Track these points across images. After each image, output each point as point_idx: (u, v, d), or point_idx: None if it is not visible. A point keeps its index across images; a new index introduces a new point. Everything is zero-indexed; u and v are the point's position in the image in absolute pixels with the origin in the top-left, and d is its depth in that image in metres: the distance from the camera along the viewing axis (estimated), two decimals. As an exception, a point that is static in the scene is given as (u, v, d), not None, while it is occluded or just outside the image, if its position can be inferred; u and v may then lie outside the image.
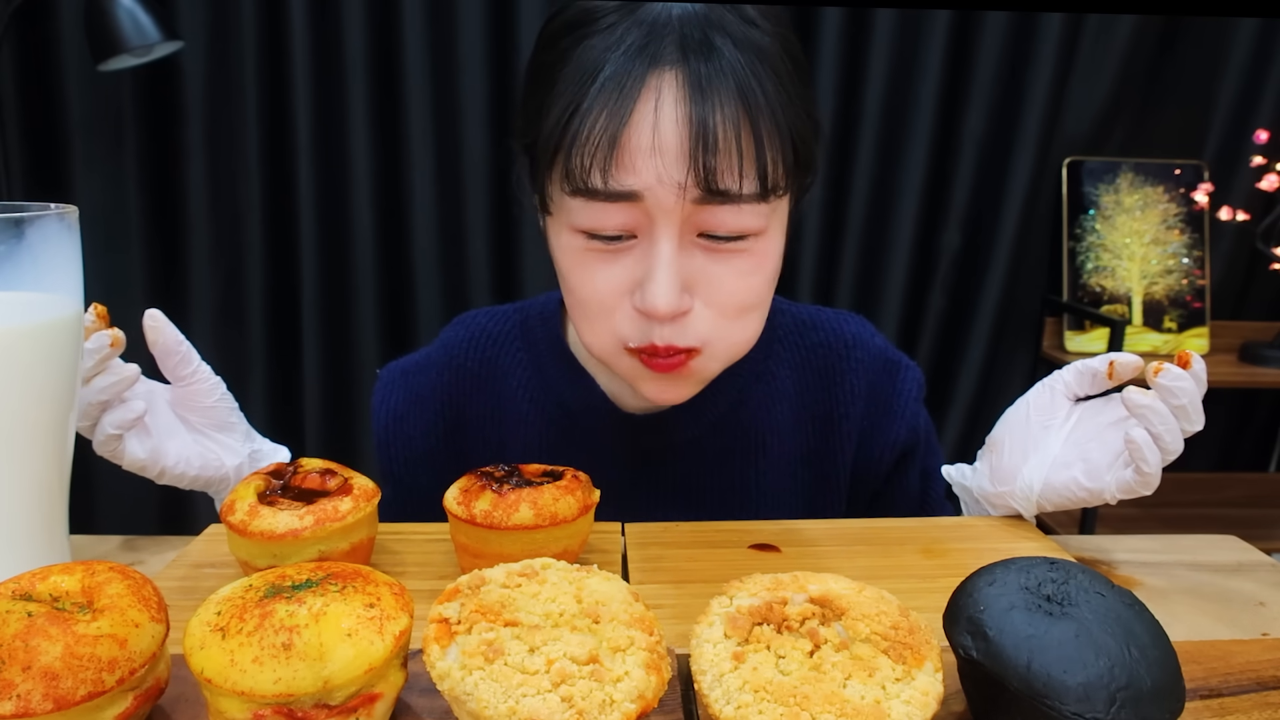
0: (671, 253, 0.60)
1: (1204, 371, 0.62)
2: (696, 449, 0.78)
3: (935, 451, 0.86)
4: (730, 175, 0.58)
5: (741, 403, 0.78)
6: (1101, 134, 2.01)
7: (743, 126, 0.58)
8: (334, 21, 1.73)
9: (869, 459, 0.82)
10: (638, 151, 0.58)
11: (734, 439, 0.78)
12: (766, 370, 0.79)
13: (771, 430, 0.79)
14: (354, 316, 1.88)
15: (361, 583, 0.42)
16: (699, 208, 0.59)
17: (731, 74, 0.58)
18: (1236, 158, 2.01)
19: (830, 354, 0.80)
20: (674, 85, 0.57)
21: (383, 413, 0.81)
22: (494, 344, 0.81)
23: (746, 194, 0.59)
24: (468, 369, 0.80)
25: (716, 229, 0.60)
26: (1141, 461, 0.62)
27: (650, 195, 0.58)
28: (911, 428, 0.82)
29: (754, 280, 0.63)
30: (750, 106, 0.58)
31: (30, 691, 0.37)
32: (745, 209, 0.59)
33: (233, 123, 1.77)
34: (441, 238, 1.85)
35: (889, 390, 0.81)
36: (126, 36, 1.44)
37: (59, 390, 0.54)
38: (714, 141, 0.57)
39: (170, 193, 1.80)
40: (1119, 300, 2.04)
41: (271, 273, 1.85)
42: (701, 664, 0.40)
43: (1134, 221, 2.05)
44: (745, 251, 0.62)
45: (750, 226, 0.60)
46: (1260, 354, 1.97)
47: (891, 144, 1.90)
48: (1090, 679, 0.38)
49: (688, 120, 0.57)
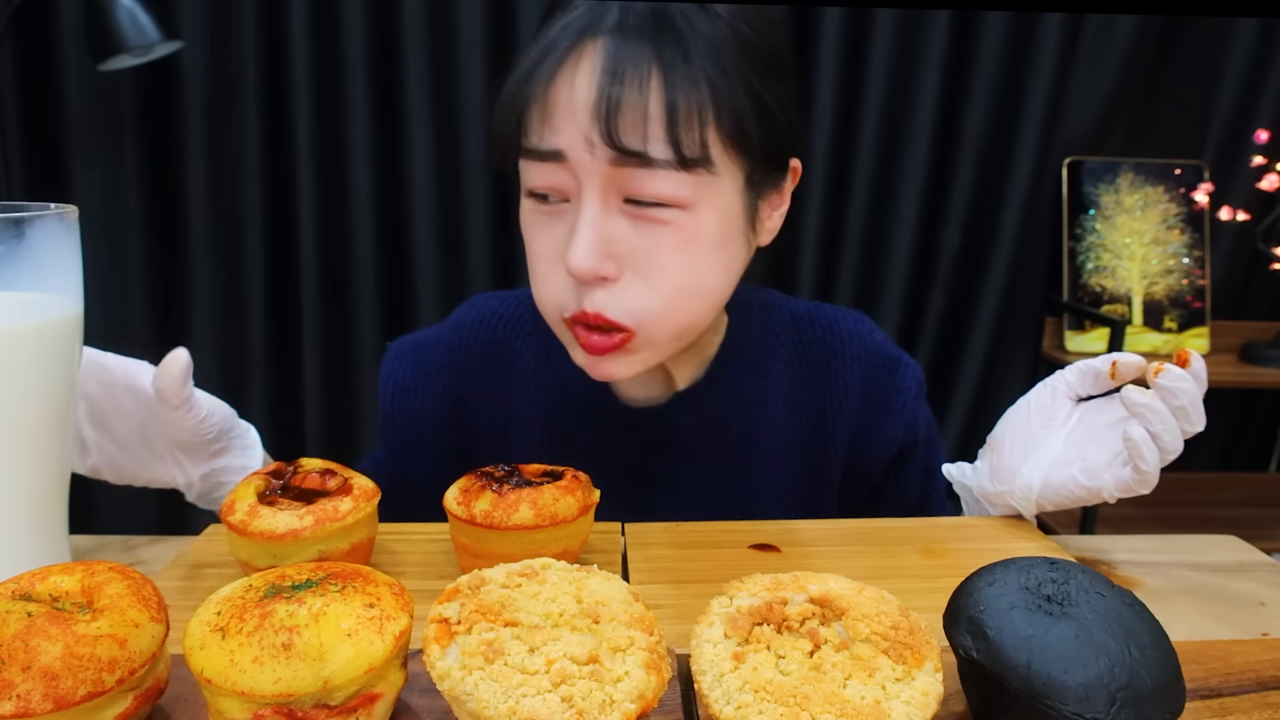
0: (593, 213, 0.62)
1: (1204, 370, 0.62)
2: (692, 441, 0.78)
3: (938, 450, 0.85)
4: (634, 134, 0.59)
5: (738, 397, 0.79)
6: (1101, 134, 2.01)
7: (654, 89, 0.59)
8: (334, 21, 1.73)
9: (865, 456, 0.82)
10: (558, 111, 0.61)
11: (729, 432, 0.79)
12: (763, 365, 0.80)
13: (767, 424, 0.79)
14: (354, 316, 1.88)
15: (361, 583, 0.42)
16: (619, 170, 0.61)
17: (656, 41, 0.59)
18: (1236, 158, 2.01)
19: (826, 350, 0.81)
20: (597, 50, 0.60)
21: (390, 385, 0.82)
22: (504, 327, 0.82)
23: (659, 158, 0.60)
24: (476, 350, 0.81)
25: (636, 193, 0.61)
26: (1140, 460, 0.62)
27: (572, 154, 0.61)
28: (910, 426, 0.82)
29: (688, 259, 0.63)
30: (667, 72, 0.59)
31: (30, 691, 0.37)
32: (662, 174, 0.60)
33: (233, 123, 1.77)
34: (441, 237, 1.85)
35: (887, 387, 0.81)
36: (126, 36, 1.44)
37: (59, 390, 0.54)
38: (619, 99, 0.59)
39: (170, 193, 1.80)
40: (1119, 300, 2.04)
41: (271, 273, 1.85)
42: (701, 664, 0.40)
43: (1134, 221, 2.05)
44: (671, 224, 0.62)
45: (670, 194, 0.61)
46: (1260, 354, 1.97)
47: (891, 144, 1.90)
48: (1090, 679, 0.38)
49: (601, 79, 0.59)
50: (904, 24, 1.83)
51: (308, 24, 1.72)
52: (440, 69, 1.77)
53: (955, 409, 2.05)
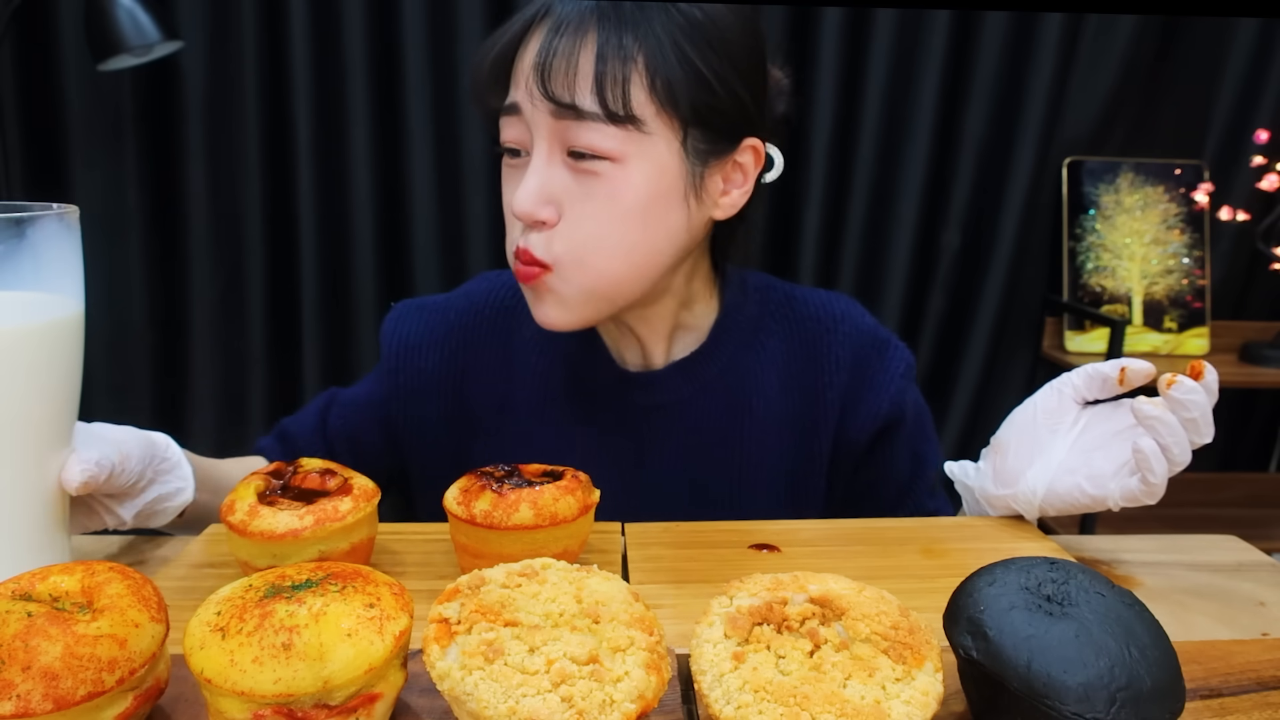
0: (540, 163, 0.68)
1: (1216, 382, 0.61)
2: (687, 407, 0.81)
3: (929, 438, 0.87)
4: (564, 86, 0.66)
5: (731, 368, 0.82)
6: (1101, 134, 2.01)
7: (587, 46, 0.66)
8: (334, 21, 1.73)
9: (851, 427, 0.83)
10: (517, 70, 0.69)
11: (722, 400, 0.82)
12: (757, 340, 0.83)
13: (758, 394, 0.82)
14: (354, 316, 1.88)
15: (361, 583, 0.42)
16: (560, 123, 0.67)
17: (601, 8, 0.66)
18: (1236, 158, 2.01)
19: (818, 326, 0.84)
20: (551, 15, 0.68)
21: (394, 339, 0.85)
22: (513, 295, 0.86)
23: (588, 110, 0.66)
24: (484, 316, 0.86)
25: (574, 144, 0.67)
26: (1148, 472, 0.62)
27: (524, 108, 0.68)
28: (896, 403, 0.83)
29: (611, 210, 0.68)
30: (603, 33, 0.65)
31: (30, 691, 0.37)
32: (593, 127, 0.66)
33: (233, 123, 1.77)
34: (441, 237, 1.85)
35: (875, 364, 0.83)
36: (126, 36, 1.44)
37: (60, 389, 0.53)
38: (555, 54, 0.66)
39: (170, 193, 1.80)
40: (1119, 300, 2.04)
41: (271, 273, 1.85)
42: (701, 664, 0.40)
43: (1134, 221, 2.05)
44: (602, 175, 0.68)
45: (601, 146, 0.67)
46: (1260, 354, 1.97)
47: (891, 144, 1.90)
48: (1090, 679, 0.38)
49: (545, 37, 0.67)
50: (904, 24, 1.83)
51: (308, 24, 1.72)
52: (440, 69, 1.77)
53: (955, 409, 2.05)
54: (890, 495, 0.86)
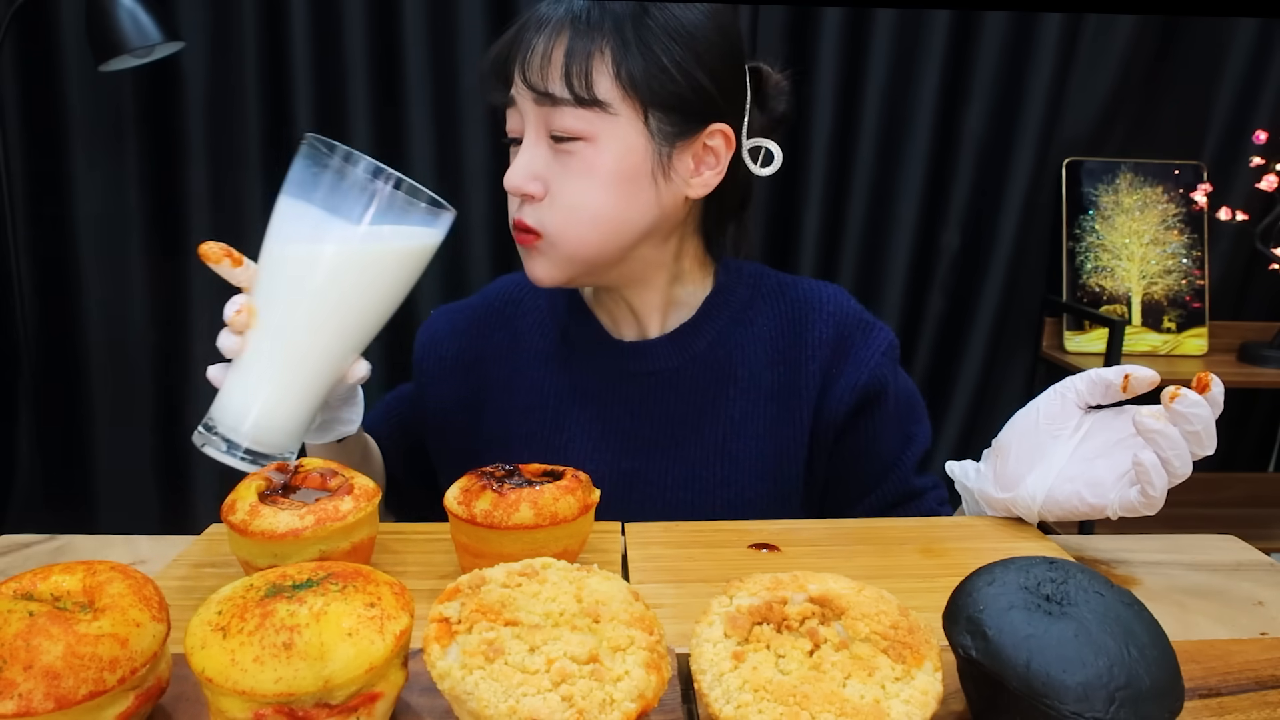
0: (529, 145, 0.77)
1: (1221, 395, 0.61)
2: (677, 376, 0.87)
3: (919, 420, 0.90)
4: (538, 74, 0.74)
5: (720, 342, 0.87)
6: (1101, 134, 2.01)
7: (560, 41, 0.74)
8: (334, 21, 1.73)
9: (830, 399, 0.86)
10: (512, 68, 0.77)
11: (711, 370, 0.87)
12: (747, 318, 0.88)
13: (745, 365, 0.87)
14: (354, 316, 1.88)
15: (362, 582, 0.42)
16: (541, 109, 0.75)
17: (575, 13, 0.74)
18: (1236, 158, 2.01)
19: (806, 308, 0.89)
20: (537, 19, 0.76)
21: (424, 337, 0.96)
22: (519, 289, 0.95)
23: (560, 95, 0.73)
24: (495, 307, 0.95)
25: (553, 127, 0.75)
26: (1148, 485, 0.62)
27: (518, 99, 0.77)
28: (875, 377, 0.86)
29: (587, 184, 0.76)
30: (574, 29, 0.74)
31: (31, 691, 0.37)
32: (567, 111, 0.74)
33: (233, 123, 1.77)
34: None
35: (856, 341, 0.87)
36: (127, 37, 1.44)
37: (399, 303, 0.70)
38: (533, 48, 0.75)
39: (170, 193, 1.80)
40: (1118, 300, 2.05)
41: (272, 273, 1.85)
42: (701, 663, 0.40)
43: (1133, 221, 2.05)
44: (577, 154, 0.75)
45: (574, 128, 0.74)
46: (1260, 354, 1.97)
47: (891, 144, 1.90)
48: (1089, 678, 0.38)
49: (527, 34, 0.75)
50: (904, 24, 1.83)
51: (308, 24, 1.72)
52: (440, 69, 1.77)
53: (955, 409, 2.05)
54: (874, 471, 0.87)
